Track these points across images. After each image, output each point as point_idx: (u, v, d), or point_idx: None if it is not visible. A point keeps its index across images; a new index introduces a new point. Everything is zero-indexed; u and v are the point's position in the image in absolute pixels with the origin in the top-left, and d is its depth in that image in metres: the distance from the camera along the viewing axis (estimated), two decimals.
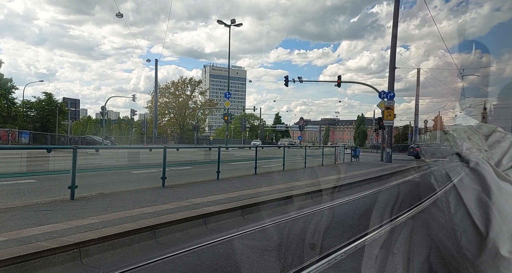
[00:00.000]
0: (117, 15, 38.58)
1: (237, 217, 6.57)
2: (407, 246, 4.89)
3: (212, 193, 8.07)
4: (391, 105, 23.52)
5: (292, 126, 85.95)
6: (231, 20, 38.63)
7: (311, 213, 7.04)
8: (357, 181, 12.02)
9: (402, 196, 10.28)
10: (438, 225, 0.94)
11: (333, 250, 4.59)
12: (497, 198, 0.85)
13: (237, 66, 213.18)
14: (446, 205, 0.91)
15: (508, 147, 0.95)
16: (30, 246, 3.97)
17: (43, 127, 43.15)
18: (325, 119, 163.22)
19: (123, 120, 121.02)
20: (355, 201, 8.78)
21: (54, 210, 5.84)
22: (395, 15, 23.44)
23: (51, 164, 10.57)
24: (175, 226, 5.43)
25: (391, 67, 24.14)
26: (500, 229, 0.83)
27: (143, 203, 6.72)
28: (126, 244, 4.68)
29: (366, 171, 15.87)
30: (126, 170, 11.98)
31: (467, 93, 6.94)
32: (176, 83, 68.21)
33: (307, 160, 16.88)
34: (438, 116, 58.83)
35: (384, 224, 5.97)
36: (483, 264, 0.84)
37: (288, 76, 30.32)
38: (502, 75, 11.52)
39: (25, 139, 38.16)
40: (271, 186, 9.59)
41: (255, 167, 12.72)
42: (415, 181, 13.63)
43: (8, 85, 42.75)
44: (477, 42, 7.26)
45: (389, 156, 23.69)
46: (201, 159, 18.11)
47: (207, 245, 4.82)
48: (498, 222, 0.83)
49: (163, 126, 68.13)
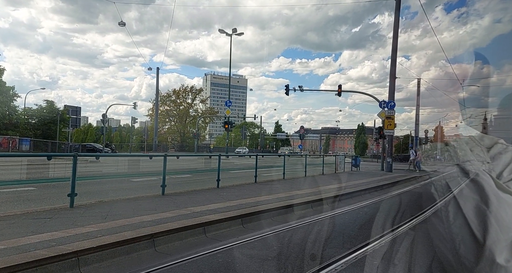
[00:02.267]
0: (119, 24, 38.99)
1: (237, 225, 6.53)
2: (408, 256, 4.85)
3: (212, 201, 8.04)
4: (392, 114, 23.56)
5: (292, 134, 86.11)
6: (233, 30, 38.97)
7: (311, 223, 7.00)
8: (358, 190, 11.98)
9: (403, 206, 10.23)
10: (438, 234, 0.94)
11: (334, 260, 4.56)
12: (495, 207, 0.85)
13: (238, 74, 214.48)
14: (445, 214, 0.92)
15: (510, 160, 0.96)
16: (29, 254, 3.95)
17: (44, 134, 43.24)
18: (326, 128, 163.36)
19: (123, 128, 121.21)
20: (356, 211, 8.74)
21: (53, 218, 5.82)
22: (395, 25, 23.64)
23: (51, 172, 10.55)
24: (174, 235, 5.40)
25: (392, 77, 24.25)
26: (497, 238, 0.83)
27: (142, 211, 6.69)
28: (125, 252, 4.65)
29: (367, 180, 15.83)
30: (126, 178, 11.95)
31: (468, 104, 7.00)
32: (177, 91, 68.54)
33: (308, 169, 16.85)
34: (438, 126, 58.90)
35: (385, 234, 5.93)
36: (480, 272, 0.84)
37: (288, 85, 30.48)
38: (503, 86, 11.65)
39: (25, 146, 38.20)
40: (271, 195, 9.55)
41: (255, 175, 12.70)
42: (416, 191, 13.58)
43: (10, 93, 42.94)
44: (477, 53, 7.32)
45: (389, 165, 23.65)
46: (201, 167, 18.06)
47: (207, 254, 4.78)
48: (495, 230, 0.83)
49: (163, 134, 68.21)
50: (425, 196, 10.99)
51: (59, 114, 43.93)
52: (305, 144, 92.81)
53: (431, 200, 6.55)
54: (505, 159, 0.98)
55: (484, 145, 1.00)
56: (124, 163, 15.95)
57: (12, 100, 43.68)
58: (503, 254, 0.82)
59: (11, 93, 43.07)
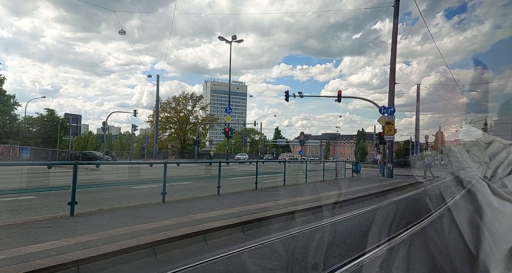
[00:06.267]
0: (119, 32, 39.23)
1: (237, 233, 6.50)
2: (409, 264, 4.82)
3: (213, 209, 8.01)
4: (392, 120, 23.57)
5: (292, 141, 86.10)
6: (232, 37, 39.16)
7: (312, 230, 6.97)
8: (359, 196, 11.94)
9: (406, 212, 10.19)
10: (435, 245, 0.94)
11: (335, 268, 4.52)
12: (489, 218, 0.84)
13: (238, 81, 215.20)
14: (440, 225, 0.91)
15: (505, 157, 0.95)
16: (29, 264, 3.93)
17: (44, 143, 43.25)
18: (326, 134, 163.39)
19: (124, 136, 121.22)
20: (357, 217, 8.70)
21: (53, 227, 5.80)
22: (394, 31, 23.76)
23: (52, 180, 10.54)
24: (175, 243, 5.37)
25: (391, 82, 24.32)
26: (491, 250, 0.81)
27: (143, 219, 6.67)
28: (126, 261, 4.63)
29: (367, 186, 15.78)
30: (126, 186, 11.94)
31: (468, 109, 6.95)
32: (177, 98, 68.73)
33: (308, 175, 16.81)
34: (439, 132, 58.91)
35: (386, 241, 5.89)
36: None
37: (288, 91, 30.56)
38: (503, 91, 11.66)
39: (26, 154, 38.20)
40: (272, 202, 9.52)
41: (255, 182, 12.67)
42: (417, 198, 13.53)
43: (11, 101, 43.08)
44: (477, 59, 7.29)
45: (390, 171, 23.60)
46: (201, 174, 18.05)
47: (207, 262, 4.75)
48: (489, 243, 0.82)
49: (164, 141, 68.25)
50: (426, 202, 10.94)
51: (59, 123, 44.00)
52: (305, 150, 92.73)
53: (427, 208, 6.53)
54: (501, 156, 0.98)
55: (483, 141, 1.00)
56: (124, 171, 15.95)
57: (13, 109, 43.79)
58: (498, 268, 0.81)
59: (11, 102, 43.20)
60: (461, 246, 0.85)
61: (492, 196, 0.88)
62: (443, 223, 0.88)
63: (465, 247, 0.84)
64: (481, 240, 0.83)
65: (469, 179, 0.92)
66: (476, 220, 0.85)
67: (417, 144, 48.77)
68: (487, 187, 0.89)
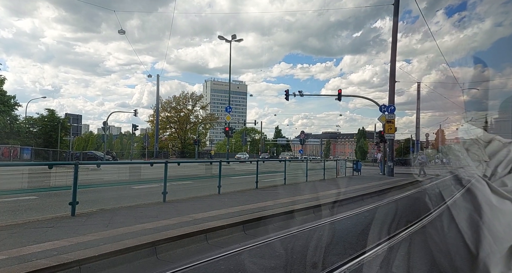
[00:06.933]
0: (119, 32, 39.17)
1: (238, 232, 6.52)
2: (409, 263, 4.83)
3: (213, 208, 8.03)
4: (392, 118, 23.55)
5: (293, 140, 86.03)
6: (232, 36, 39.19)
7: (313, 228, 6.98)
8: (359, 195, 11.95)
9: (406, 210, 10.20)
10: (435, 244, 0.94)
11: (337, 266, 4.54)
12: (488, 217, 0.84)
13: (238, 80, 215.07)
14: (440, 224, 0.92)
15: (505, 155, 0.96)
16: (30, 264, 3.94)
17: (45, 143, 43.23)
18: (326, 133, 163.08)
19: (125, 135, 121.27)
20: (358, 216, 8.71)
21: (54, 227, 5.82)
22: (394, 30, 23.73)
23: (53, 180, 10.55)
24: (176, 242, 5.39)
25: (391, 81, 24.30)
26: (491, 250, 0.81)
27: (144, 218, 6.69)
28: (127, 260, 4.64)
29: (368, 185, 15.79)
30: (127, 185, 11.95)
31: (469, 107, 6.96)
32: (177, 98, 68.72)
33: (308, 174, 16.82)
34: (439, 130, 58.86)
35: (386, 240, 5.90)
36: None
37: (288, 90, 30.55)
38: (504, 89, 11.63)
39: (27, 155, 38.23)
40: (272, 201, 9.53)
41: (256, 181, 12.68)
42: (417, 196, 13.53)
43: (12, 102, 43.08)
44: (478, 57, 7.27)
45: (390, 169, 23.59)
46: (202, 173, 18.05)
47: (208, 261, 4.77)
48: (489, 242, 0.82)
49: (164, 141, 68.24)
50: (422, 201, 10.95)
51: (60, 123, 44.00)
52: (305, 149, 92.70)
53: (427, 206, 6.53)
54: (501, 155, 0.99)
55: (483, 139, 1.00)
56: (125, 171, 15.95)
57: (13, 110, 43.78)
58: (498, 267, 0.81)
59: (12, 103, 43.19)
60: (461, 245, 0.85)
61: (491, 194, 0.88)
62: (443, 222, 0.88)
63: (465, 246, 0.85)
64: (481, 239, 0.83)
65: (468, 178, 0.92)
66: (476, 219, 0.85)
67: (418, 142, 48.73)
68: (487, 186, 0.90)
